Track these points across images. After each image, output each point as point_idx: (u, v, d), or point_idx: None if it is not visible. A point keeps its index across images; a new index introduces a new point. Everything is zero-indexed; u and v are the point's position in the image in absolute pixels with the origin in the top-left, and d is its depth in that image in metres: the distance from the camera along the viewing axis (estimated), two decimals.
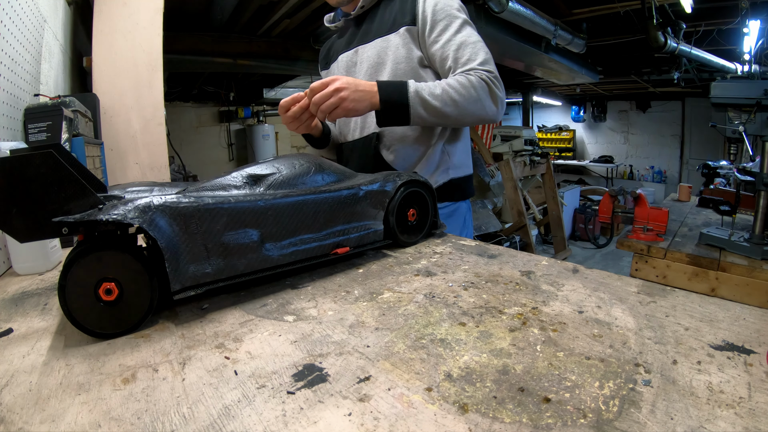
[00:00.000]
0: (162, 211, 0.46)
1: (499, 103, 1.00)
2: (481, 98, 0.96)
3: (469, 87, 0.95)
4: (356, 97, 0.88)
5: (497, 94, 0.98)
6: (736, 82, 1.43)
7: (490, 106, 0.98)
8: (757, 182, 1.44)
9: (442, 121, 0.98)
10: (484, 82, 0.96)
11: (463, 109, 0.95)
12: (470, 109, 0.96)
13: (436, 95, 0.93)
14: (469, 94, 0.95)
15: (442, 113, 0.94)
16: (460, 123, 1.02)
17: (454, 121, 1.00)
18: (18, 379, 0.36)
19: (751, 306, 0.47)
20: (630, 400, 0.32)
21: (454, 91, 0.94)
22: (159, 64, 1.53)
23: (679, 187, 2.71)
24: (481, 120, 1.01)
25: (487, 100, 0.97)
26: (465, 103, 0.95)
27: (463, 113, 0.96)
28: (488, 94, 0.97)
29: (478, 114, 0.98)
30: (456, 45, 1.01)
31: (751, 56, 3.90)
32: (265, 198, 0.55)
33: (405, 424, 0.30)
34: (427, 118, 0.94)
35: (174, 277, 0.46)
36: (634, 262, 1.71)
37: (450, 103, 0.93)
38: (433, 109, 0.93)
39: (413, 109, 0.92)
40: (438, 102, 0.93)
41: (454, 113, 0.95)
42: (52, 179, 0.41)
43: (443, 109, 0.93)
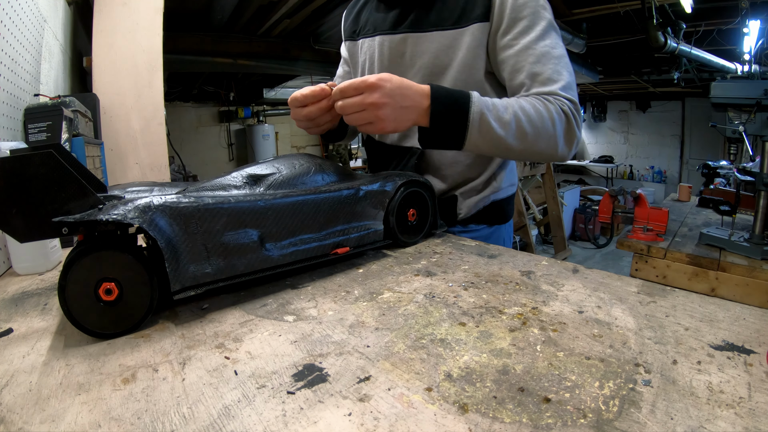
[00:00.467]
0: (162, 211, 0.46)
1: (575, 144, 0.79)
2: (558, 135, 0.76)
3: (546, 118, 0.74)
4: (398, 117, 0.67)
5: (575, 133, 0.78)
6: (736, 82, 1.43)
7: (563, 147, 0.78)
8: (757, 182, 1.44)
9: (499, 154, 0.78)
10: (564, 115, 0.76)
11: (531, 145, 0.75)
12: (540, 147, 0.76)
13: (504, 122, 0.71)
14: (544, 127, 0.74)
15: (505, 146, 0.73)
16: (519, 158, 0.82)
17: (514, 156, 0.80)
18: (18, 379, 0.36)
19: (751, 306, 0.47)
20: (630, 400, 0.32)
21: (527, 120, 0.73)
22: (159, 64, 1.53)
23: (679, 187, 2.70)
24: (545, 160, 0.83)
25: (563, 139, 0.77)
26: (536, 138, 0.74)
27: (530, 150, 0.76)
28: (565, 131, 0.77)
29: (546, 153, 0.77)
30: (536, 56, 0.79)
31: (751, 56, 3.90)
32: (265, 198, 0.55)
33: (405, 424, 0.30)
34: (484, 148, 0.74)
35: (174, 277, 0.46)
36: (634, 262, 1.71)
37: (518, 135, 0.73)
38: (496, 140, 0.72)
39: (470, 137, 0.71)
40: (504, 131, 0.72)
41: (518, 148, 0.74)
42: (52, 179, 0.41)
43: (507, 141, 0.72)
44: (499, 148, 0.74)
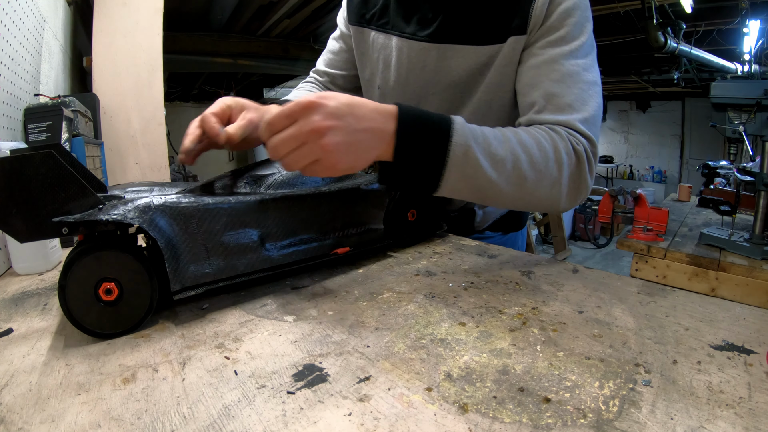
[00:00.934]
0: (162, 211, 0.46)
1: (581, 196, 0.62)
2: (562, 182, 0.58)
3: (551, 159, 0.57)
4: (353, 145, 0.47)
5: (586, 182, 0.60)
6: (736, 82, 1.44)
7: (565, 199, 0.60)
8: (757, 182, 1.44)
9: (483, 201, 0.59)
10: (576, 157, 0.59)
11: (529, 193, 0.57)
12: (538, 196, 0.58)
13: (497, 160, 0.54)
14: (548, 171, 0.57)
15: (494, 192, 0.55)
16: (506, 207, 0.68)
17: (500, 206, 0.65)
18: (18, 379, 0.36)
19: (751, 306, 0.47)
20: (630, 400, 0.32)
21: (528, 160, 0.55)
22: (159, 64, 1.53)
23: (679, 187, 2.71)
24: (543, 207, 0.61)
25: (567, 187, 0.59)
26: (537, 185, 0.57)
27: (525, 200, 0.59)
28: (572, 177, 0.59)
29: (544, 205, 0.60)
30: (561, 74, 0.63)
31: (751, 56, 3.90)
32: (264, 198, 0.55)
33: (405, 424, 0.30)
34: (465, 192, 0.55)
35: (174, 277, 0.46)
36: (634, 262, 1.71)
37: (514, 180, 0.55)
38: (484, 184, 0.54)
39: (448, 177, 0.52)
40: (496, 173, 0.53)
41: (511, 196, 0.57)
42: (52, 179, 0.41)
43: (499, 186, 0.54)
44: (486, 194, 0.55)
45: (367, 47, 0.84)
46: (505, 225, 0.90)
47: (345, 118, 0.46)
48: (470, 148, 0.52)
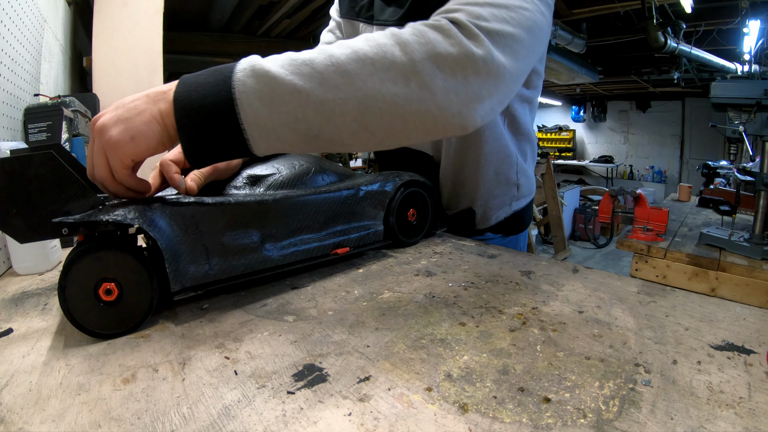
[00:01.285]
0: (162, 211, 0.46)
1: (472, 70, 0.42)
2: (417, 67, 0.41)
3: (387, 41, 0.42)
4: (127, 126, 0.41)
5: (462, 46, 0.42)
6: (736, 82, 1.43)
7: (440, 83, 0.41)
8: (757, 182, 1.44)
9: (327, 132, 0.42)
10: (427, 27, 0.44)
11: (370, 91, 0.41)
12: (389, 93, 0.41)
13: (295, 61, 0.41)
14: (384, 55, 0.41)
15: (318, 103, 0.40)
16: (375, 134, 0.43)
17: (358, 127, 0.42)
18: (18, 379, 0.36)
19: (751, 306, 0.47)
20: (630, 400, 0.32)
21: (346, 51, 0.42)
22: (159, 64, 1.53)
23: (679, 187, 2.70)
24: (426, 123, 0.43)
25: (432, 68, 0.41)
26: (373, 77, 0.41)
27: (374, 101, 0.41)
28: (431, 49, 0.42)
29: (411, 104, 0.42)
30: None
31: (751, 56, 3.90)
32: (265, 199, 0.55)
33: (405, 424, 0.30)
34: (286, 125, 0.41)
35: (174, 277, 0.46)
36: (634, 262, 1.71)
37: (332, 76, 0.40)
38: (294, 96, 0.40)
39: (245, 107, 0.40)
40: (300, 76, 0.40)
41: (346, 101, 0.41)
42: (52, 180, 0.41)
43: (316, 93, 0.40)
44: (317, 117, 0.41)
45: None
46: (506, 227, 0.89)
47: (119, 111, 0.43)
48: (257, 64, 0.41)
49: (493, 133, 0.78)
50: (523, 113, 0.83)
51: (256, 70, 0.41)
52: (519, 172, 0.85)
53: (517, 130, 0.83)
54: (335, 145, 0.44)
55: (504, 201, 0.85)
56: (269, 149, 0.43)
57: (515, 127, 0.83)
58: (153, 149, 0.43)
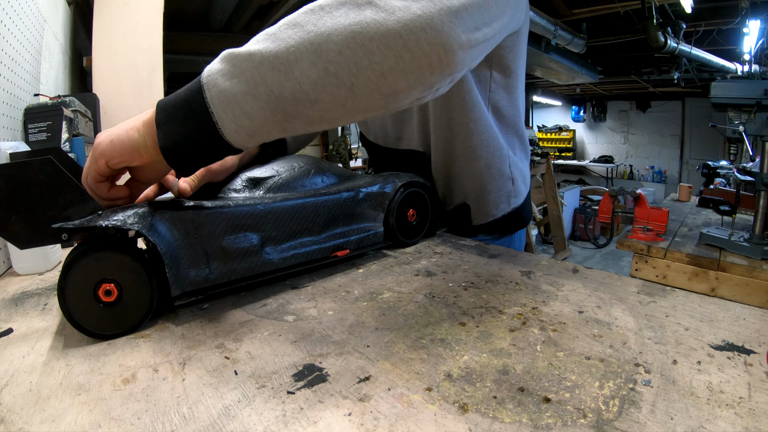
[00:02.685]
0: (161, 216, 0.46)
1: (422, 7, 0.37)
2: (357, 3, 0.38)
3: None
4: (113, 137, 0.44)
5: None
6: (736, 82, 1.43)
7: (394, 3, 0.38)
8: (757, 182, 1.44)
9: (289, 86, 0.39)
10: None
11: (321, 29, 0.38)
12: (342, 23, 0.38)
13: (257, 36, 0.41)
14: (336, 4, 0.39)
15: (271, 58, 0.39)
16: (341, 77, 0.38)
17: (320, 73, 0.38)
18: (18, 379, 0.36)
19: (751, 306, 0.47)
20: (630, 400, 0.32)
21: (299, 12, 0.41)
22: (159, 64, 1.53)
23: (679, 187, 2.70)
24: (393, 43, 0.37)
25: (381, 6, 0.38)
26: (324, 17, 0.39)
27: (328, 37, 0.38)
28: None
29: (370, 27, 0.37)
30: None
31: (751, 56, 3.90)
32: (264, 201, 0.55)
33: (405, 424, 0.30)
34: (247, 92, 0.39)
35: (174, 282, 0.46)
36: (634, 262, 1.71)
37: (283, 32, 0.39)
38: (249, 61, 0.39)
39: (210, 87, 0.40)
40: (255, 43, 0.40)
41: (298, 46, 0.38)
42: (51, 185, 0.41)
43: (269, 49, 0.39)
44: (274, 73, 0.39)
45: None
46: (505, 225, 0.88)
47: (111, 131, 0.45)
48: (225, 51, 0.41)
49: (480, 125, 0.77)
50: (506, 103, 0.81)
51: (223, 54, 0.41)
52: (512, 165, 0.83)
53: (503, 121, 0.82)
54: (303, 106, 0.40)
55: (500, 197, 0.84)
56: (239, 131, 0.41)
57: (500, 118, 0.81)
58: (127, 155, 0.44)
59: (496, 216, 0.84)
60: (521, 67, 0.81)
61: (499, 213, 0.84)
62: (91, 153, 0.46)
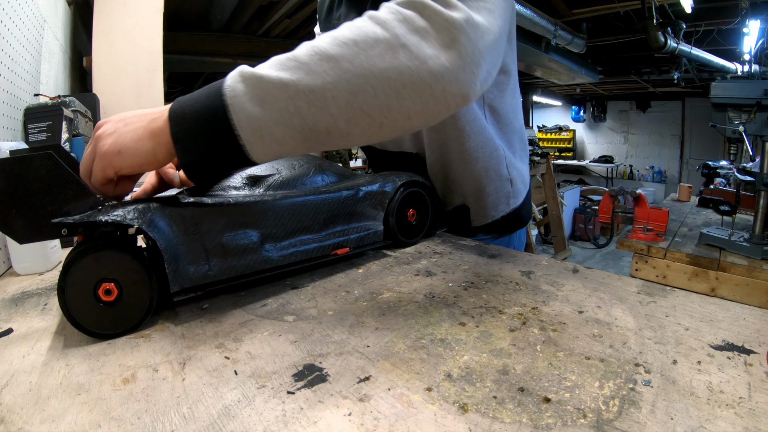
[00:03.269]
0: (161, 212, 0.46)
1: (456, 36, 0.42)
2: (402, 39, 0.41)
3: (366, 24, 0.43)
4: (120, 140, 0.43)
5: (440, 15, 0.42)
6: (736, 82, 1.43)
7: (427, 50, 0.41)
8: (757, 182, 1.44)
9: (323, 120, 0.41)
10: (402, 7, 0.43)
11: (358, 69, 0.40)
12: (379, 66, 0.40)
13: (281, 59, 0.42)
14: (366, 35, 0.41)
15: (307, 92, 0.40)
16: (372, 116, 0.42)
17: (354, 111, 0.41)
18: (18, 379, 0.36)
19: (751, 306, 0.47)
20: (630, 400, 0.32)
21: (328, 39, 0.42)
22: (159, 64, 1.53)
23: (679, 187, 2.71)
24: (422, 89, 0.41)
25: (417, 39, 0.41)
26: (360, 55, 0.40)
27: (364, 79, 0.40)
28: (417, 27, 0.42)
29: (404, 74, 0.40)
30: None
31: (751, 56, 3.90)
32: (264, 199, 0.55)
33: (405, 424, 0.30)
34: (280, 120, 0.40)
35: (173, 278, 0.46)
36: (634, 262, 1.71)
37: (317, 64, 0.40)
38: (282, 90, 0.40)
39: (237, 110, 0.40)
40: (286, 70, 0.40)
41: (335, 84, 0.40)
42: (51, 180, 0.41)
43: (304, 82, 0.40)
44: (309, 106, 0.40)
45: None
46: (504, 226, 0.88)
47: (118, 124, 0.45)
48: (245, 70, 0.42)
49: (474, 128, 0.76)
50: (503, 102, 0.80)
51: (244, 74, 0.41)
52: (509, 166, 0.82)
53: (500, 121, 0.81)
54: (334, 137, 0.42)
55: (499, 198, 0.84)
56: (267, 153, 0.43)
57: (497, 118, 0.81)
58: (138, 166, 0.44)
59: (495, 217, 0.83)
60: (513, 63, 0.81)
61: (498, 214, 0.84)
62: (91, 150, 0.45)
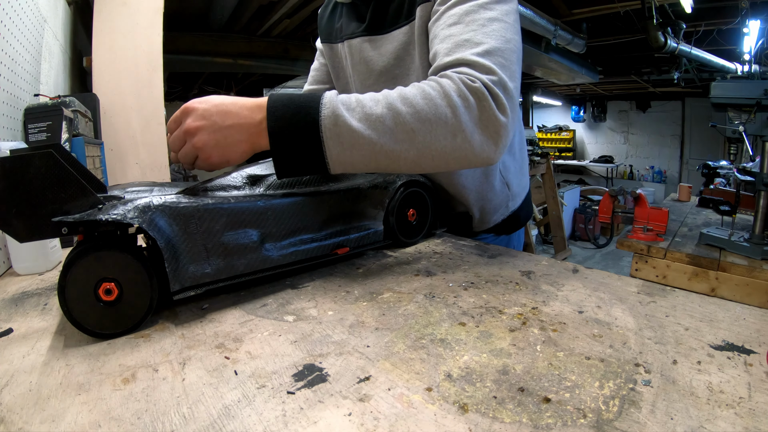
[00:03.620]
0: (161, 211, 0.46)
1: (500, 134, 0.54)
2: (464, 128, 0.52)
3: (441, 105, 0.52)
4: (220, 141, 0.51)
5: (496, 118, 0.53)
6: (736, 82, 1.43)
7: (479, 143, 0.54)
8: (757, 182, 1.44)
9: (391, 167, 0.54)
10: (473, 94, 0.53)
11: (426, 146, 0.52)
12: (441, 147, 0.53)
13: (373, 120, 0.51)
14: (438, 118, 0.52)
15: (386, 153, 0.52)
16: (424, 168, 0.55)
17: (414, 165, 0.54)
18: (18, 379, 0.36)
19: (751, 306, 0.47)
20: (630, 400, 0.32)
21: (410, 111, 0.52)
22: (159, 64, 1.53)
23: (679, 187, 2.70)
24: (464, 161, 0.55)
25: (475, 131, 0.53)
26: (429, 135, 0.52)
27: (428, 150, 0.53)
28: (481, 118, 0.53)
29: (458, 155, 0.54)
30: (456, 16, 0.59)
31: (751, 56, 3.90)
32: (264, 198, 0.55)
33: (405, 424, 0.30)
34: (361, 162, 0.53)
35: (173, 277, 0.46)
36: (634, 262, 1.71)
37: (401, 136, 0.52)
38: (371, 148, 0.51)
39: (331, 151, 0.51)
40: (376, 133, 0.51)
41: (409, 154, 0.53)
42: (52, 179, 0.41)
43: (388, 147, 0.52)
44: (382, 159, 0.52)
45: (338, 60, 0.90)
46: (504, 227, 0.89)
47: (212, 118, 0.51)
48: (340, 115, 0.51)
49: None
50: None
51: (338, 121, 0.51)
52: (503, 171, 0.84)
53: None
54: (390, 172, 0.60)
55: (500, 203, 0.85)
56: (342, 171, 0.55)
57: None
58: (227, 162, 0.54)
59: (496, 221, 0.86)
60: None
61: (499, 218, 0.86)
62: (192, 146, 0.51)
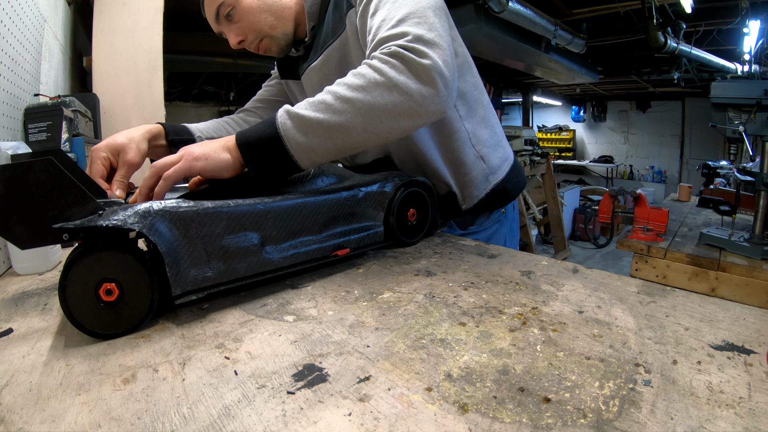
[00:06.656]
0: (162, 216, 0.46)
1: (431, 76, 0.59)
2: (394, 80, 0.58)
3: (367, 74, 0.59)
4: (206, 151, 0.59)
5: (419, 63, 0.58)
6: (736, 82, 1.43)
7: (413, 86, 0.58)
8: (757, 182, 1.44)
9: (348, 141, 0.59)
10: (394, 57, 0.59)
11: (367, 106, 0.58)
12: (381, 102, 0.58)
13: (316, 103, 0.59)
14: (369, 81, 0.58)
15: (336, 126, 0.58)
16: (380, 134, 0.60)
17: (368, 133, 0.60)
18: (18, 379, 0.36)
19: (751, 306, 0.47)
20: (630, 400, 0.32)
21: (345, 87, 0.59)
22: (159, 64, 1.53)
23: (679, 187, 2.71)
24: (413, 113, 0.60)
25: (410, 82, 0.58)
26: (367, 96, 0.58)
27: (372, 113, 0.58)
28: (402, 70, 0.58)
29: (399, 106, 0.59)
30: (374, 7, 0.67)
31: (751, 56, 3.90)
32: (264, 201, 0.55)
33: (405, 424, 0.30)
34: (319, 144, 0.58)
35: (175, 281, 0.46)
36: (634, 262, 1.71)
37: (339, 106, 0.58)
38: (319, 126, 0.58)
39: (289, 138, 0.57)
40: (322, 112, 0.58)
41: (359, 122, 0.58)
42: (52, 186, 0.41)
43: (336, 120, 0.58)
44: (335, 133, 0.58)
45: (293, 96, 1.00)
46: (489, 203, 0.88)
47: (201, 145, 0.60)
48: (290, 110, 0.59)
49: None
50: (464, 83, 0.82)
51: (290, 113, 0.59)
52: (476, 145, 0.84)
53: (467, 103, 0.83)
54: (355, 150, 0.62)
55: (477, 177, 0.85)
56: (311, 163, 0.61)
57: (463, 100, 0.82)
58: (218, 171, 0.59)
59: (479, 197, 0.86)
60: (461, 47, 0.82)
61: (482, 193, 0.86)
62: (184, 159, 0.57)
